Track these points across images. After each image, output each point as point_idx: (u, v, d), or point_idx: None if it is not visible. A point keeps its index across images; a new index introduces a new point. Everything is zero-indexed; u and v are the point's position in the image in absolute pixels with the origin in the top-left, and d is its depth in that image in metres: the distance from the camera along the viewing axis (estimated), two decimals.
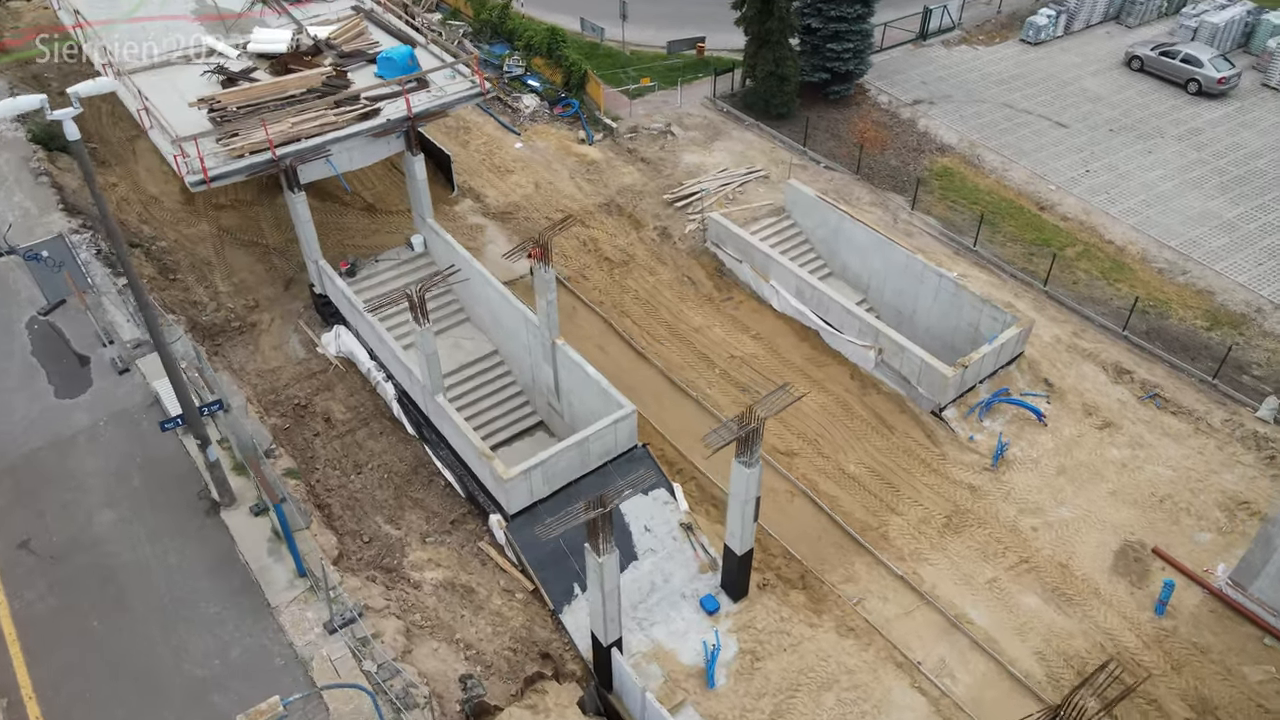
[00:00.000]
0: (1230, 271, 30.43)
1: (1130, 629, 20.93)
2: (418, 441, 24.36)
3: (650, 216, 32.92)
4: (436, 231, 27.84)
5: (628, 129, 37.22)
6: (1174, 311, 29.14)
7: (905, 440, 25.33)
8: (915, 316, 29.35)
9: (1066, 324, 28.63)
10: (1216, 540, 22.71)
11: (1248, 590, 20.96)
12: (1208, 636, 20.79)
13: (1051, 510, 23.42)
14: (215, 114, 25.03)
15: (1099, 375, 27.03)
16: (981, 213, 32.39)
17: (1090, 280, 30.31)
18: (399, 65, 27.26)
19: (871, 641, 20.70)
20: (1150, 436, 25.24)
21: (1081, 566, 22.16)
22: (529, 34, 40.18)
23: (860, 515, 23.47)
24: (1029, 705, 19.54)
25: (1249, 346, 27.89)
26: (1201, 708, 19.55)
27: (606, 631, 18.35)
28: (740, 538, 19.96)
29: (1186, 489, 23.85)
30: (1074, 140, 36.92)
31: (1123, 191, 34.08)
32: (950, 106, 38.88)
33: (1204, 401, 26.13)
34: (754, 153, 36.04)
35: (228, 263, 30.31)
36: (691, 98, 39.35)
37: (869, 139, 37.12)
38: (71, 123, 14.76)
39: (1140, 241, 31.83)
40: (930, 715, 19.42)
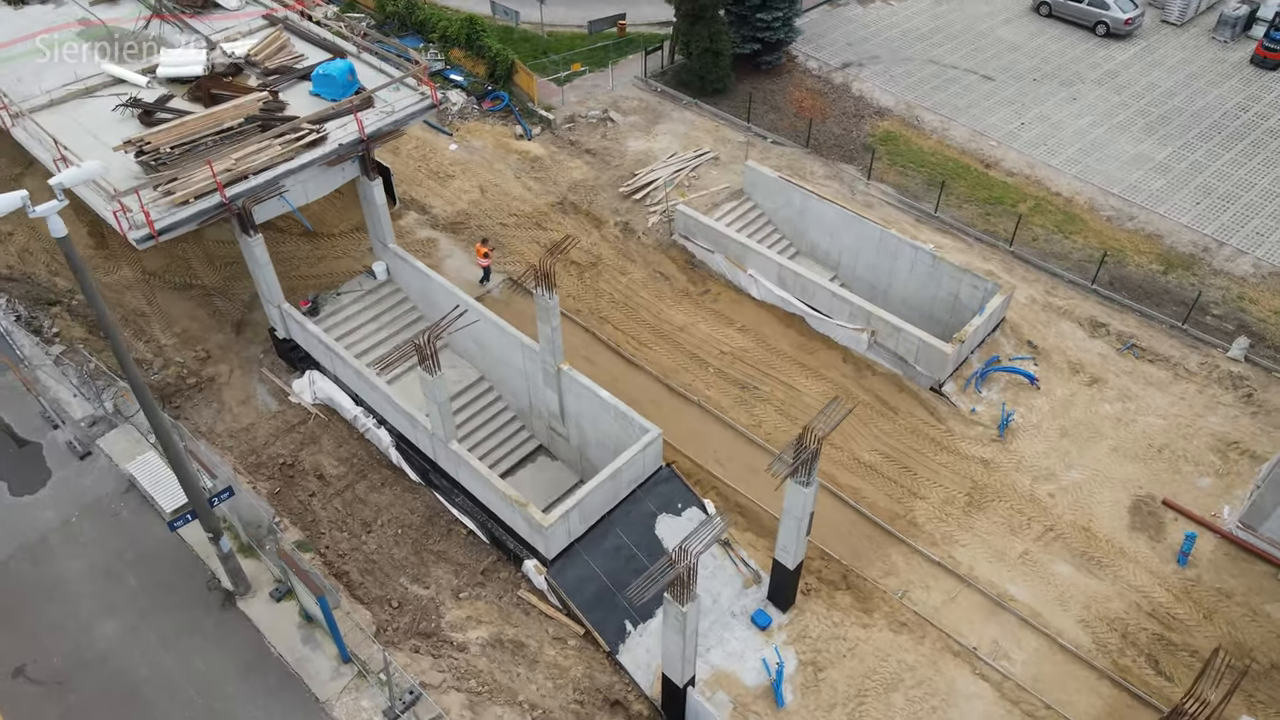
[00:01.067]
0: (1173, 213, 31.63)
1: (1159, 584, 21.73)
2: (425, 488, 22.96)
3: (609, 212, 31.79)
4: (402, 257, 26.06)
5: (564, 119, 35.74)
6: (1130, 259, 30.13)
7: (911, 420, 25.46)
8: (890, 290, 29.42)
9: (1037, 283, 29.24)
10: (1216, 484, 23.75)
11: (1258, 531, 22.02)
12: (1229, 580, 21.79)
13: (1063, 474, 24.01)
14: (147, 157, 22.51)
15: (1076, 331, 27.76)
16: (943, 179, 32.60)
17: (1048, 235, 31.01)
18: (339, 83, 25.14)
19: (925, 634, 20.84)
20: (1135, 388, 26.12)
21: (1102, 527, 22.83)
22: (444, 24, 37.92)
23: (885, 504, 23.50)
24: (1085, 675, 20.13)
25: (1204, 286, 29.11)
26: (1238, 652, 20.50)
27: (683, 673, 17.79)
28: (793, 553, 19.63)
29: (1179, 436, 24.83)
30: (1003, 92, 37.54)
31: (1059, 142, 34.90)
32: (879, 67, 38.88)
33: (1178, 347, 27.19)
34: (698, 133, 35.21)
35: (164, 311, 27.70)
36: (621, 79, 38.08)
37: (808, 108, 36.82)
38: (58, 218, 12.74)
39: (1085, 191, 32.72)
40: (996, 700, 19.73)
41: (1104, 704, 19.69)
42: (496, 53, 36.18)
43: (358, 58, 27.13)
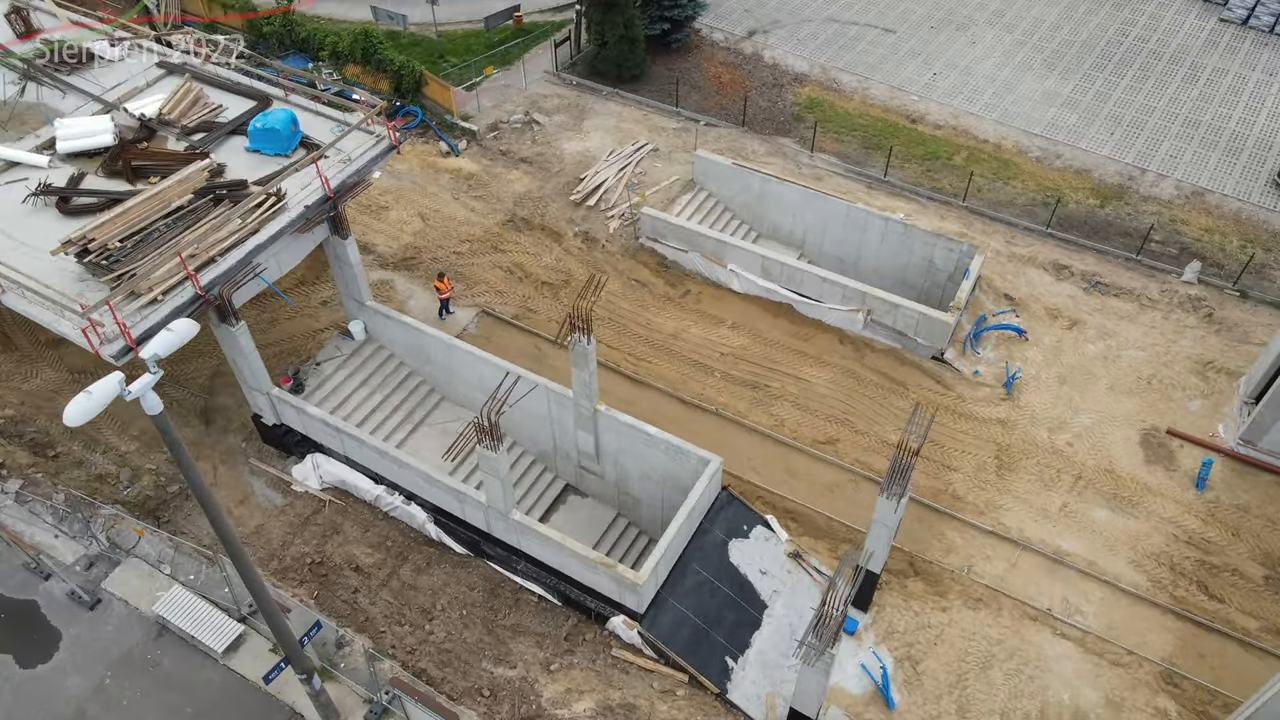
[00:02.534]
0: (1093, 147, 33.28)
1: (1187, 511, 23.21)
2: (477, 560, 21.63)
3: (564, 223, 30.50)
4: (384, 314, 24.11)
5: (487, 128, 33.88)
6: (1068, 197, 31.55)
7: (921, 393, 25.94)
8: (860, 262, 29.73)
9: (997, 234, 30.22)
10: (1205, 405, 25.48)
11: (1258, 445, 23.81)
12: (1242, 496, 23.52)
13: (1073, 421, 25.13)
14: (94, 257, 19.69)
15: (1044, 277, 28.93)
16: (881, 143, 32.99)
17: (990, 185, 32.02)
18: (283, 136, 22.71)
19: (999, 605, 21.51)
20: (1110, 324, 27.55)
21: (1122, 467, 24.12)
22: (333, 40, 34.94)
23: (924, 482, 23.94)
24: (1150, 614, 21.36)
25: (1138, 214, 30.91)
26: (1270, 562, 22.25)
27: (818, 705, 17.64)
28: (880, 559, 19.72)
29: (1161, 365, 26.42)
30: (906, 44, 38.23)
31: (973, 88, 35.94)
32: (784, 32, 38.76)
33: (1136, 278, 28.81)
34: (630, 125, 34.16)
35: (111, 412, 24.65)
36: (532, 76, 36.38)
37: (726, 83, 36.39)
38: (153, 394, 10.84)
39: (1010, 135, 33.92)
40: (1082, 655, 20.65)
41: (1174, 638, 20.97)
42: (401, 65, 33.72)
43: (285, 100, 24.61)
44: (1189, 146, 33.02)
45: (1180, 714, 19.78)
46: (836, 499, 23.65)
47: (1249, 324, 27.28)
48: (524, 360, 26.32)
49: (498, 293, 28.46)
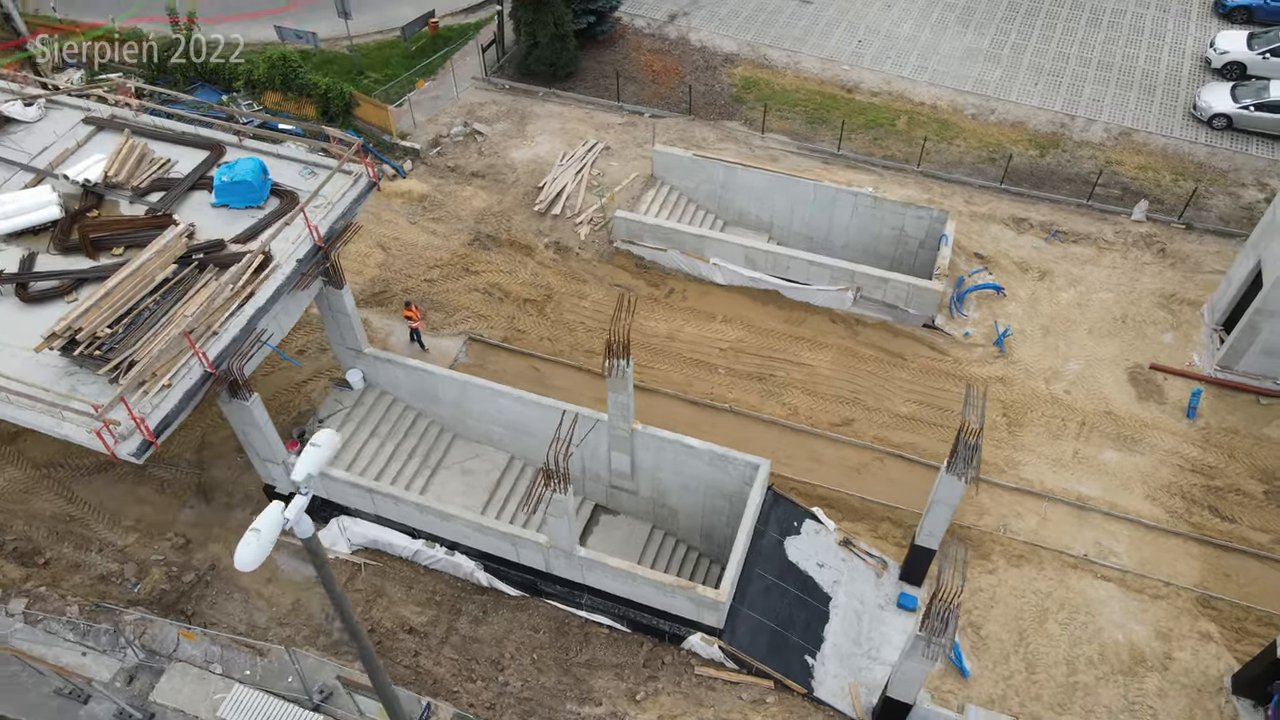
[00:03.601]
0: (1022, 98, 34.53)
1: (1184, 440, 24.63)
2: (534, 599, 21.02)
3: (533, 235, 29.69)
4: (385, 359, 22.98)
5: (429, 145, 32.56)
6: (1009, 150, 32.67)
7: (919, 361, 26.57)
8: (830, 237, 30.09)
9: (955, 195, 31.06)
10: (1177, 336, 26.99)
11: (1235, 369, 25.42)
12: (1228, 418, 25.11)
13: (1065, 369, 26.23)
14: (82, 348, 17.99)
15: (1006, 232, 29.96)
16: (827, 117, 33.34)
17: (936, 146, 32.81)
18: (255, 187, 21.24)
19: (1040, 559, 22.38)
20: (1076, 270, 28.80)
21: (1118, 407, 25.36)
22: (246, 67, 32.75)
23: (941, 448, 24.52)
24: (1174, 543, 22.65)
25: (1076, 160, 32.30)
26: (1266, 477, 23.87)
27: (915, 692, 17.99)
28: (939, 536, 20.19)
29: (1129, 303, 27.81)
30: (825, 14, 38.60)
31: (898, 52, 36.66)
32: (704, 13, 38.56)
33: (1090, 222, 30.17)
34: (575, 125, 33.42)
35: (96, 504, 22.83)
36: (462, 84, 35.07)
37: (659, 71, 36.02)
38: (307, 519, 9.96)
39: (944, 95, 34.82)
40: (1126, 595, 21.75)
41: (1201, 564, 22.31)
42: (328, 88, 31.93)
43: (240, 145, 22.99)
44: (1108, 89, 34.65)
45: (1222, 635, 21.10)
46: (866, 479, 24.06)
47: (1199, 254, 28.98)
48: (524, 383, 25.63)
49: (481, 316, 27.55)
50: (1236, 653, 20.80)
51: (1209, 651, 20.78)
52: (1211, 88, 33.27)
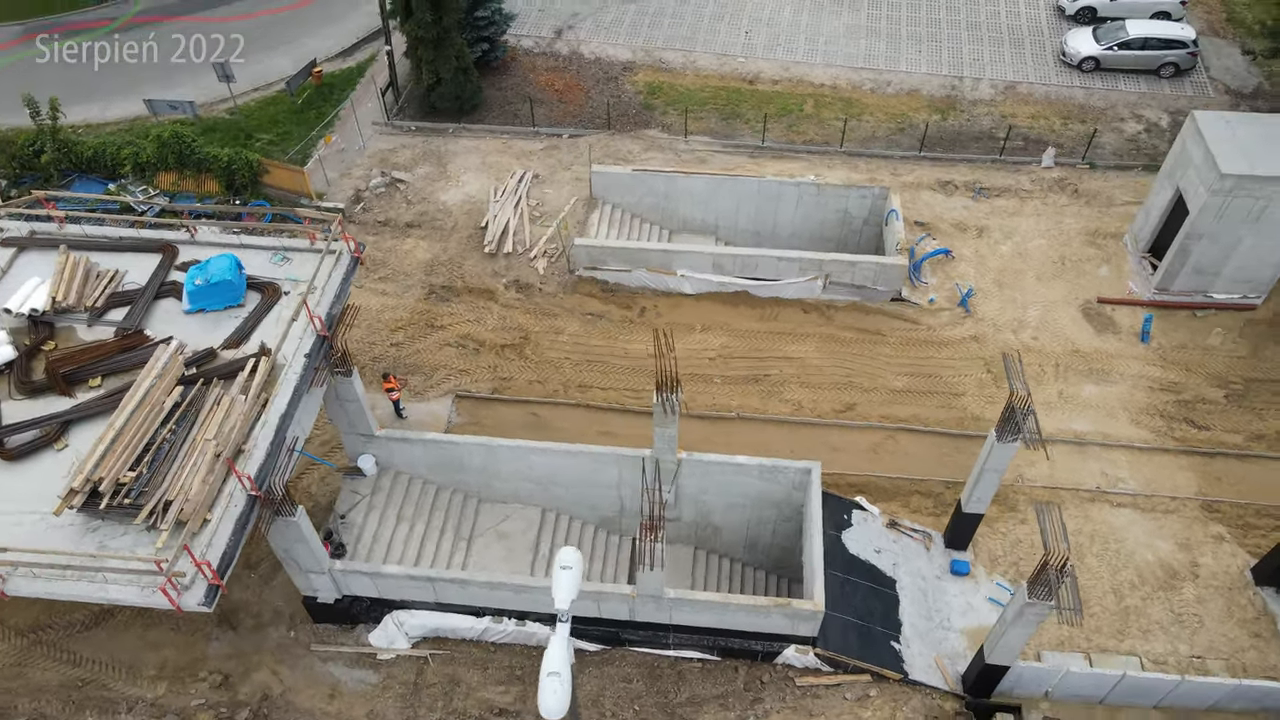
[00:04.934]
0: (910, 67, 36.24)
1: (1146, 363, 26.74)
2: (617, 649, 20.58)
3: (489, 279, 28.81)
4: (400, 438, 21.81)
5: (351, 201, 30.94)
6: (913, 118, 34.26)
7: (897, 335, 27.60)
8: (776, 230, 30.77)
9: (881, 169, 32.31)
10: (1110, 268, 29.16)
11: (1171, 289, 27.75)
12: (1175, 335, 27.42)
13: (1027, 317, 27.90)
14: (106, 500, 16.20)
15: (936, 196, 31.46)
16: (752, 113, 33.90)
17: (848, 125, 33.98)
18: (235, 285, 19.71)
19: (1061, 499, 23.78)
20: (1007, 222, 30.61)
21: (1082, 343, 27.22)
22: (131, 150, 30.03)
23: (943, 415, 25.72)
24: (1167, 460, 24.64)
25: (975, 119, 34.27)
26: (1221, 383, 26.26)
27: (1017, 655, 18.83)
28: (985, 501, 21.13)
29: (1062, 244, 29.80)
30: (705, 10, 39.07)
31: (786, 38, 37.64)
32: (588, 24, 38.30)
33: (1006, 175, 32.10)
34: (496, 157, 32.57)
35: (107, 659, 20.67)
36: (365, 132, 33.46)
37: (562, 89, 35.61)
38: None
39: (841, 74, 36.09)
40: (1142, 516, 23.46)
41: (1195, 473, 24.35)
42: (230, 159, 29.73)
43: (193, 240, 21.23)
44: (983, 48, 36.85)
45: (1230, 533, 23.14)
46: (884, 458, 24.86)
47: (1108, 190, 31.39)
48: (525, 431, 25.05)
49: (461, 371, 26.56)
50: (1247, 547, 22.88)
51: (1225, 551, 22.76)
52: (1075, 34, 35.96)
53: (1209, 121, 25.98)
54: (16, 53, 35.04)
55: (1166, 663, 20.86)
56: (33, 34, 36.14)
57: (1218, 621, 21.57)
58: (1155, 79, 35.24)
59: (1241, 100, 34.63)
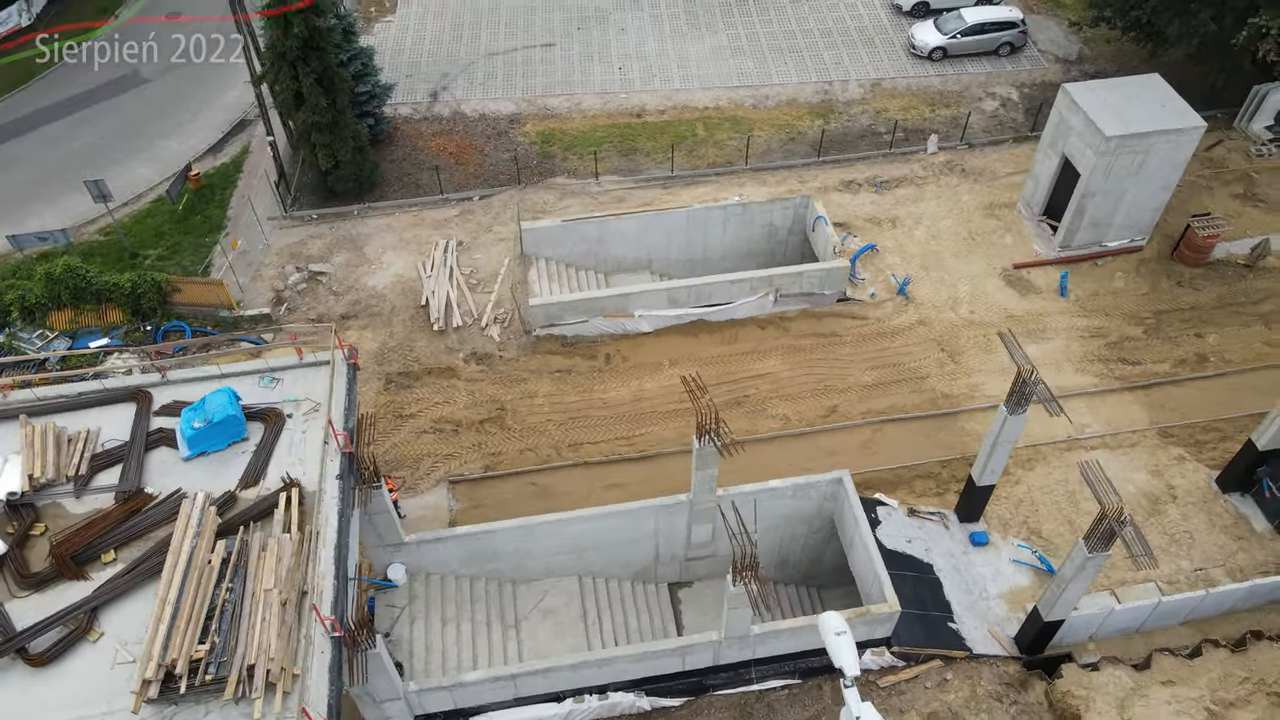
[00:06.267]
0: (781, 79, 38.01)
1: (1071, 316, 29.23)
2: (699, 698, 20.49)
3: (446, 356, 28.00)
4: (431, 539, 20.86)
5: (273, 304, 29.24)
6: (800, 127, 36.00)
7: (852, 333, 28.90)
8: (708, 254, 31.62)
9: (789, 179, 33.70)
10: (1013, 234, 31.69)
11: (1073, 245, 30.50)
12: (1086, 285, 30.11)
13: (959, 294, 29.88)
14: (191, 680, 14.76)
15: (844, 196, 33.17)
16: (668, 143, 34.45)
17: (743, 142, 35.25)
18: (238, 421, 18.39)
19: (1042, 454, 25.65)
20: (914, 209, 32.68)
21: (1013, 308, 29.45)
22: (13, 296, 27.16)
23: (917, 400, 27.17)
24: (1117, 398, 27.06)
25: (853, 118, 36.35)
26: (1136, 320, 29.08)
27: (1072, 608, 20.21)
28: (998, 472, 22.53)
29: (966, 221, 32.13)
30: (571, 51, 39.50)
31: (659, 68, 38.59)
32: (461, 83, 37.90)
33: (900, 166, 34.24)
34: (413, 232, 31.68)
35: None
36: (267, 228, 31.70)
37: (456, 152, 35.10)
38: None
39: (720, 95, 37.38)
40: (1115, 454, 25.59)
41: (1140, 406, 26.86)
42: (134, 283, 27.47)
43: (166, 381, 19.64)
44: (840, 51, 39.14)
45: (1188, 453, 25.71)
46: (879, 452, 25.99)
47: (989, 164, 34.09)
48: (528, 502, 24.68)
49: (447, 457, 25.70)
50: (1204, 461, 25.50)
51: (1189, 470, 25.26)
52: (920, 27, 38.84)
53: (1080, 92, 28.77)
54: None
55: (1178, 581, 22.92)
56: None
57: (1205, 534, 23.90)
58: (996, 58, 38.56)
59: (1071, 66, 38.44)
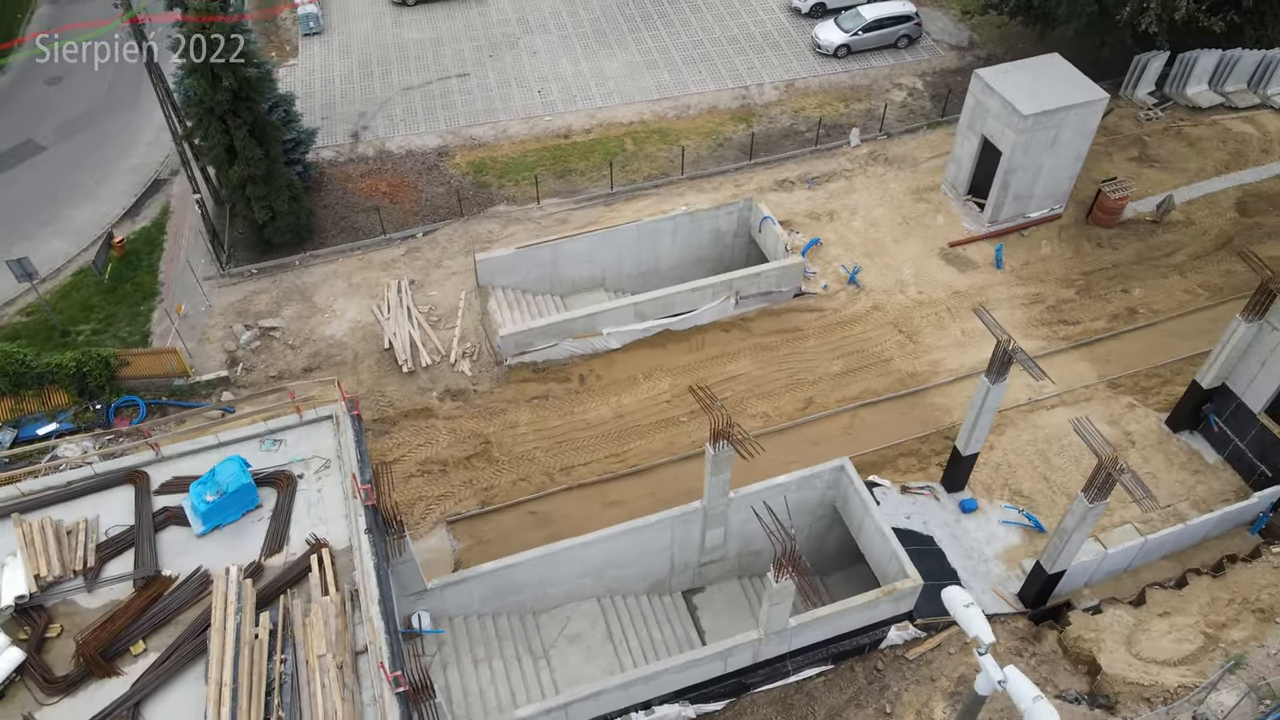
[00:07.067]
0: (698, 88, 38.90)
1: (1009, 285, 30.95)
2: (743, 699, 20.85)
3: (420, 397, 27.61)
4: (459, 579, 20.61)
5: (231, 365, 28.25)
6: (726, 132, 36.93)
7: (812, 325, 29.85)
8: (659, 265, 32.18)
9: (725, 184, 34.52)
10: (943, 214, 33.31)
11: (999, 219, 32.29)
12: (1018, 255, 31.90)
13: (905, 277, 31.23)
14: None
15: (780, 195, 34.21)
16: (616, 161, 34.68)
17: (676, 152, 35.92)
18: (252, 488, 17.86)
19: (1009, 418, 26.99)
20: (848, 200, 33.97)
21: (956, 284, 30.97)
22: None
23: (886, 382, 28.27)
24: (1067, 357, 28.72)
25: (774, 119, 37.51)
26: (1067, 282, 31.00)
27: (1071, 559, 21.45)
28: (981, 440, 23.72)
29: (898, 208, 33.62)
30: (486, 79, 39.44)
31: (578, 88, 38.94)
32: (380, 121, 37.41)
33: (828, 161, 35.54)
34: (360, 275, 31.09)
35: None
36: (207, 290, 30.54)
37: (388, 191, 34.66)
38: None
39: (644, 109, 38.01)
40: (1072, 409, 27.10)
41: (1087, 362, 28.63)
42: (79, 362, 26.10)
43: (160, 458, 18.90)
44: (749, 56, 40.33)
45: (1136, 399, 27.58)
46: (858, 436, 26.94)
47: (909, 151, 35.72)
48: (530, 532, 24.65)
49: (441, 497, 25.37)
50: (1152, 405, 27.40)
51: (1140, 415, 27.11)
52: (823, 26, 40.40)
53: (993, 77, 30.53)
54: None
55: (1151, 520, 24.55)
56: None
57: (1165, 473, 25.69)
58: (896, 51, 40.45)
59: (964, 53, 40.65)
